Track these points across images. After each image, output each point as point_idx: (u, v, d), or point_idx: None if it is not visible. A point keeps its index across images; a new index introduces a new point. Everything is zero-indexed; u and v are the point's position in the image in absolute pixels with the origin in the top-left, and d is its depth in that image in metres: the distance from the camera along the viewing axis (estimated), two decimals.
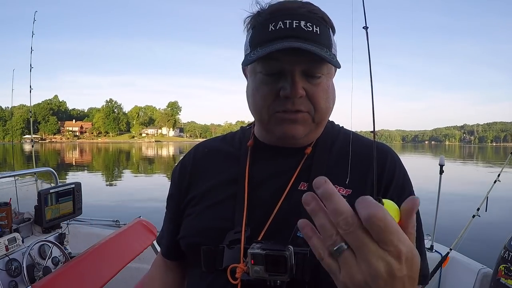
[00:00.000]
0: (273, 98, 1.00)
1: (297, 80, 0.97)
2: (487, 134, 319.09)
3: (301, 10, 0.99)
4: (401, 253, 0.56)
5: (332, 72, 1.06)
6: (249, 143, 1.16)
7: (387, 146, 1.17)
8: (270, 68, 0.99)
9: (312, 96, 0.99)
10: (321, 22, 0.99)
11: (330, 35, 1.02)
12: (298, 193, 1.03)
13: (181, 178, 1.22)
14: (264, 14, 1.01)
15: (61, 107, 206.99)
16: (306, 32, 0.96)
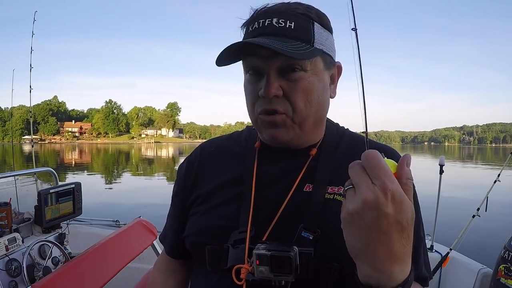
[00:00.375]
0: (256, 99, 1.02)
1: (271, 79, 0.97)
2: (486, 135, 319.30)
3: (279, 9, 1.00)
4: (386, 188, 0.66)
5: (319, 67, 1.03)
6: (256, 145, 1.16)
7: (391, 147, 1.17)
8: (249, 66, 1.02)
9: (289, 95, 0.99)
10: (299, 17, 0.99)
11: (312, 29, 1.00)
12: (303, 194, 1.04)
13: (187, 176, 1.23)
14: (249, 19, 1.04)
15: (60, 108, 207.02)
16: (277, 28, 0.97)
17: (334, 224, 0.95)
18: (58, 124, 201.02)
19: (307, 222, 0.97)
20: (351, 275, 0.78)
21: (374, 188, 0.67)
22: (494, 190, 3.73)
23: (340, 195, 1.02)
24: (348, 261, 0.78)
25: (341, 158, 1.10)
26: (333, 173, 1.06)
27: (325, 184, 1.04)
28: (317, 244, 0.94)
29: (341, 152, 1.12)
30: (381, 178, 0.67)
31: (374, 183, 0.67)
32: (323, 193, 1.02)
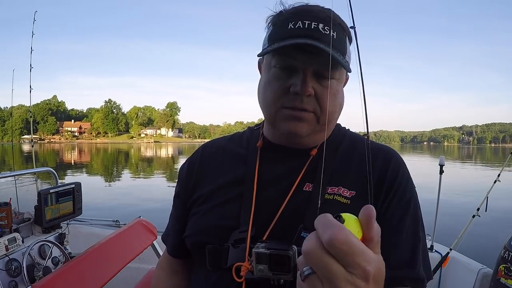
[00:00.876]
0: (283, 93, 1.03)
1: (308, 78, 0.99)
2: (485, 135, 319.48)
3: (322, 14, 1.02)
4: (368, 274, 0.56)
5: (343, 78, 1.09)
6: (258, 144, 1.18)
7: (391, 148, 1.18)
8: (284, 63, 1.02)
9: (319, 97, 1.02)
10: (339, 29, 1.02)
11: (346, 43, 1.05)
12: (303, 193, 1.05)
13: (188, 177, 1.24)
14: (286, 14, 1.05)
15: (60, 108, 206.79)
16: (323, 35, 0.99)
17: None
18: (58, 123, 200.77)
19: (307, 223, 0.98)
20: None
21: (353, 279, 0.56)
22: (494, 190, 3.73)
23: (339, 195, 1.03)
24: None
25: (341, 158, 1.11)
26: (333, 173, 1.07)
27: (325, 184, 1.05)
28: None
29: (342, 152, 1.13)
30: (360, 266, 0.56)
31: (351, 272, 0.56)
32: (323, 193, 1.03)
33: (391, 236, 1.01)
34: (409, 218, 1.05)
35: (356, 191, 1.04)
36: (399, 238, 1.02)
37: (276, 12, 1.08)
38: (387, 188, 1.06)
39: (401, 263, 1.00)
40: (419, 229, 1.06)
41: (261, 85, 1.11)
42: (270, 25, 1.09)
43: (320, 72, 1.01)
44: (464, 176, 29.35)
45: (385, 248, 1.01)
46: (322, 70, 1.00)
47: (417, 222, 1.07)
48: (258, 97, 1.12)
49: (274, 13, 1.09)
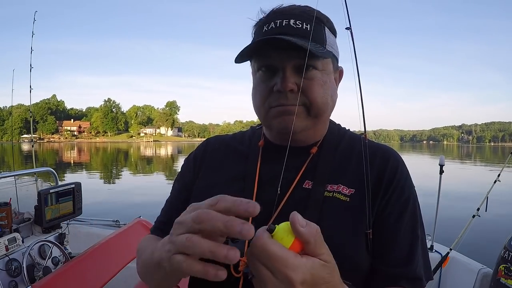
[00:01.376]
0: (269, 94, 1.05)
1: (287, 75, 1.01)
2: (485, 134, 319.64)
3: (294, 11, 1.04)
4: (292, 280, 0.62)
5: (329, 68, 1.09)
6: (260, 143, 1.19)
7: (390, 147, 1.18)
8: (263, 63, 1.05)
9: (305, 90, 1.02)
10: (313, 20, 1.02)
11: (324, 33, 1.06)
12: (302, 191, 1.06)
13: (192, 168, 1.25)
14: (262, 19, 1.08)
15: (59, 107, 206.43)
16: (295, 29, 1.01)
17: (332, 222, 0.99)
18: (57, 123, 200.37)
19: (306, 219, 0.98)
20: (348, 272, 0.79)
21: (278, 284, 0.64)
22: (494, 190, 3.73)
23: (339, 193, 1.04)
24: (346, 258, 0.81)
25: (341, 157, 1.12)
26: (333, 171, 1.08)
27: (324, 182, 1.06)
28: None
29: (341, 151, 1.14)
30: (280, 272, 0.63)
31: (276, 277, 0.63)
32: (323, 190, 1.04)
33: (389, 234, 1.02)
34: (407, 216, 1.05)
35: (355, 189, 1.04)
36: (397, 236, 1.02)
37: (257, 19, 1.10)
38: (386, 186, 1.05)
39: (399, 261, 1.01)
40: (417, 227, 1.06)
41: (252, 90, 1.13)
42: (252, 33, 1.12)
43: (299, 66, 1.01)
44: (464, 175, 29.34)
45: (383, 246, 1.02)
46: (300, 63, 1.00)
47: (415, 220, 1.07)
48: (252, 102, 1.14)
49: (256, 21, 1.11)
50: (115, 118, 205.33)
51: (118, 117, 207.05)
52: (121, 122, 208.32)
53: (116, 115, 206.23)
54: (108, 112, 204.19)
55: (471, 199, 5.89)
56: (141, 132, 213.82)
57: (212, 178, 1.18)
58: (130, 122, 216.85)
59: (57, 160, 47.48)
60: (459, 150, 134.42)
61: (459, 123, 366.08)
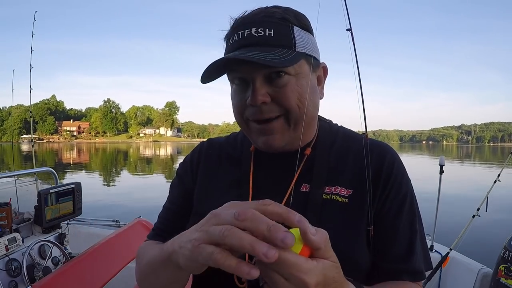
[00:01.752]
0: (244, 107, 1.03)
1: (257, 87, 0.97)
2: (484, 134, 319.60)
3: (256, 17, 1.00)
4: (307, 283, 0.63)
5: (304, 70, 1.02)
6: (251, 148, 1.17)
7: (386, 144, 1.17)
8: (233, 78, 1.03)
9: (279, 99, 0.99)
10: (277, 23, 0.99)
11: (292, 33, 1.00)
12: (300, 195, 1.05)
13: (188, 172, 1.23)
14: (229, 30, 1.04)
15: (58, 107, 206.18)
16: (257, 38, 0.97)
17: (332, 224, 0.99)
18: (56, 123, 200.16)
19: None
20: (350, 272, 0.79)
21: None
22: (494, 190, 3.73)
23: (337, 195, 1.03)
24: (347, 260, 0.80)
25: (336, 156, 1.11)
26: (329, 172, 1.07)
27: (321, 184, 1.05)
28: None
29: (336, 150, 1.13)
30: (294, 276, 0.63)
31: (291, 282, 0.64)
32: (321, 193, 1.03)
33: (388, 231, 1.03)
34: (405, 212, 1.05)
35: (353, 189, 1.04)
36: (396, 232, 1.03)
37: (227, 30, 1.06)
38: (383, 183, 1.05)
39: (399, 257, 1.02)
40: (416, 222, 1.07)
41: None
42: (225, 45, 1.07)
43: (269, 75, 0.98)
44: (463, 175, 29.34)
45: (383, 242, 1.03)
46: (269, 72, 0.97)
47: (413, 215, 1.07)
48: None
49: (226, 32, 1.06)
50: (114, 119, 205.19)
51: (118, 117, 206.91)
52: (121, 122, 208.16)
53: (115, 116, 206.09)
54: (107, 113, 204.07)
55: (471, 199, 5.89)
56: (140, 132, 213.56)
57: (209, 184, 1.17)
58: (130, 122, 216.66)
59: (57, 160, 47.44)
60: (458, 150, 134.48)
61: (459, 123, 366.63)
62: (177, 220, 1.19)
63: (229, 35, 1.02)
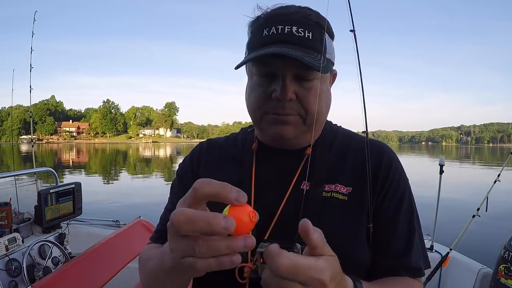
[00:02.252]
0: (266, 99, 1.04)
1: (287, 83, 1.00)
2: (483, 135, 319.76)
3: (295, 16, 1.01)
4: (324, 281, 0.66)
5: (326, 76, 1.08)
6: (253, 146, 1.19)
7: (384, 143, 1.19)
8: (263, 71, 1.03)
9: (302, 100, 1.02)
10: (315, 28, 1.01)
11: (325, 40, 1.03)
12: (300, 192, 1.06)
13: (189, 171, 1.24)
14: (261, 19, 1.05)
15: (58, 108, 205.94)
16: (297, 38, 0.99)
17: (333, 222, 1.01)
18: (56, 123, 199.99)
19: None
20: (351, 269, 0.81)
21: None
22: (494, 190, 3.73)
23: (337, 192, 1.05)
24: (348, 257, 0.81)
25: (336, 155, 1.13)
26: (329, 171, 1.09)
27: (321, 182, 1.07)
28: None
29: (336, 149, 1.15)
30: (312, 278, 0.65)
31: (308, 285, 0.66)
32: (321, 191, 1.05)
33: (387, 228, 1.06)
34: (404, 210, 1.08)
35: (352, 187, 1.06)
36: (395, 229, 1.06)
37: (254, 17, 1.08)
38: (381, 182, 1.08)
39: (397, 254, 1.04)
40: (413, 219, 1.09)
41: (247, 90, 1.12)
42: (249, 32, 1.10)
43: (300, 75, 1.01)
44: (463, 176, 29.35)
45: (381, 240, 1.05)
46: (301, 73, 1.00)
47: (411, 213, 1.10)
48: (245, 102, 1.13)
49: (253, 19, 1.08)
50: (114, 119, 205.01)
51: (117, 118, 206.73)
52: (120, 123, 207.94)
53: (115, 116, 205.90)
54: (107, 113, 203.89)
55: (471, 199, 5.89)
56: (140, 133, 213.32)
57: None
58: (129, 123, 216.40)
59: (56, 161, 47.38)
60: (458, 151, 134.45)
61: (458, 124, 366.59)
62: None
63: (264, 24, 1.03)
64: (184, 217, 0.62)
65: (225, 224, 0.59)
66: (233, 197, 0.64)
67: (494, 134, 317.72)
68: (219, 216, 0.60)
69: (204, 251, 0.62)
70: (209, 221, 0.60)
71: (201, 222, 0.60)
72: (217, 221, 0.59)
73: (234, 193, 0.64)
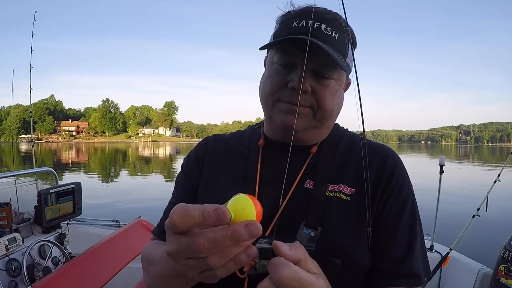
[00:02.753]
0: (281, 87, 1.05)
1: (306, 75, 1.00)
2: (483, 134, 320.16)
3: (326, 16, 1.04)
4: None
5: (342, 80, 1.10)
6: (260, 142, 1.19)
7: (389, 147, 1.19)
8: (284, 61, 1.04)
9: (317, 94, 1.03)
10: (341, 31, 1.03)
11: (349, 47, 1.05)
12: (304, 191, 1.06)
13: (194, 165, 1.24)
14: (293, 13, 1.07)
15: (57, 107, 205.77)
16: (324, 35, 1.01)
17: (335, 222, 1.00)
18: (55, 123, 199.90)
19: (309, 220, 1.00)
20: (351, 271, 0.80)
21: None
22: (494, 190, 3.73)
23: (340, 192, 1.05)
24: (349, 258, 0.84)
25: (341, 156, 1.13)
26: (333, 171, 1.09)
27: (325, 181, 1.06)
28: (318, 241, 0.97)
29: (341, 150, 1.15)
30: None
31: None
32: (324, 190, 1.05)
33: (388, 232, 1.04)
34: (406, 215, 1.07)
35: (355, 188, 1.05)
36: (396, 234, 1.04)
37: (285, 11, 1.10)
38: (385, 185, 1.07)
39: (397, 259, 1.03)
40: (416, 225, 1.08)
41: (262, 79, 1.13)
42: (277, 23, 1.11)
43: (319, 71, 1.03)
44: (463, 175, 29.34)
45: (382, 244, 1.04)
46: (320, 69, 1.02)
47: (414, 218, 1.08)
48: (259, 90, 1.14)
49: (283, 13, 1.10)
50: (113, 118, 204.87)
51: (117, 117, 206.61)
52: (120, 122, 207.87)
53: (114, 115, 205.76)
54: (106, 112, 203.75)
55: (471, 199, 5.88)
56: (139, 132, 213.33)
57: (214, 179, 1.17)
58: (129, 122, 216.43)
59: (55, 160, 47.32)
60: (457, 150, 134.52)
61: (457, 124, 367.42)
62: None
63: (295, 17, 1.05)
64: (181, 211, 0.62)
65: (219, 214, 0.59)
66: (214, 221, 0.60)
67: (493, 134, 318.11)
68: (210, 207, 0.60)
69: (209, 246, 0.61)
70: (203, 214, 0.60)
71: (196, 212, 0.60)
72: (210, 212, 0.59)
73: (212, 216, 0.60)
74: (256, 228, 0.61)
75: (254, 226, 0.61)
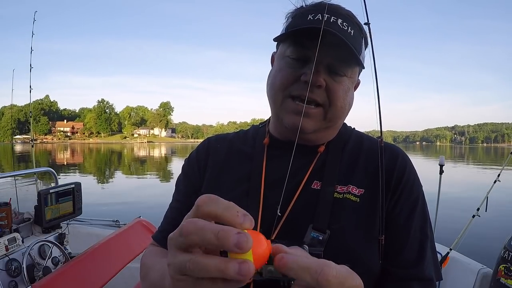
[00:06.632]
0: (293, 81, 1.02)
1: (320, 70, 0.98)
2: (478, 134, 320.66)
3: (342, 11, 1.02)
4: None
5: (355, 78, 1.08)
6: (265, 141, 1.16)
7: (398, 147, 1.17)
8: (297, 54, 1.01)
9: (330, 90, 1.01)
10: (356, 28, 1.02)
11: (362, 44, 1.04)
12: (311, 192, 1.03)
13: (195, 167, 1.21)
14: (307, 6, 1.05)
15: (52, 107, 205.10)
16: (340, 29, 0.98)
17: (344, 224, 0.97)
18: (50, 123, 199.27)
19: (317, 222, 0.97)
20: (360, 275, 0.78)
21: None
22: (494, 190, 3.74)
23: (349, 193, 1.01)
24: (358, 262, 0.79)
25: (348, 157, 1.10)
26: (341, 172, 1.06)
27: (333, 182, 1.03)
28: (326, 245, 0.94)
29: (349, 150, 1.12)
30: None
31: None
32: (332, 191, 1.02)
33: (399, 235, 1.01)
34: (416, 216, 1.04)
35: (364, 189, 1.03)
36: (407, 237, 1.01)
37: (297, 6, 1.08)
38: (394, 186, 1.04)
39: (409, 262, 1.00)
40: (427, 227, 1.05)
41: (271, 73, 1.10)
42: (290, 17, 1.09)
43: (334, 66, 1.00)
44: (460, 175, 29.42)
45: (393, 247, 1.01)
46: (336, 64, 1.00)
47: (424, 220, 1.06)
48: (267, 85, 1.11)
49: (295, 8, 1.08)
50: (108, 119, 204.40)
51: (112, 118, 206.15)
52: (115, 123, 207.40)
53: (109, 116, 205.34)
54: (101, 113, 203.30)
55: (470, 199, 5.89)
56: (134, 133, 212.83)
57: (217, 180, 1.14)
58: (124, 123, 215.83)
59: (50, 161, 47.15)
60: (452, 151, 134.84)
61: (452, 124, 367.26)
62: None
63: (310, 10, 1.02)
64: (193, 226, 0.53)
65: (236, 241, 0.49)
66: (239, 222, 0.54)
67: (488, 134, 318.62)
68: (231, 231, 0.50)
69: (192, 269, 0.51)
70: (219, 233, 0.50)
71: (209, 233, 0.50)
72: (228, 234, 0.49)
73: (240, 217, 0.54)
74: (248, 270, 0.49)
75: (247, 268, 0.50)
